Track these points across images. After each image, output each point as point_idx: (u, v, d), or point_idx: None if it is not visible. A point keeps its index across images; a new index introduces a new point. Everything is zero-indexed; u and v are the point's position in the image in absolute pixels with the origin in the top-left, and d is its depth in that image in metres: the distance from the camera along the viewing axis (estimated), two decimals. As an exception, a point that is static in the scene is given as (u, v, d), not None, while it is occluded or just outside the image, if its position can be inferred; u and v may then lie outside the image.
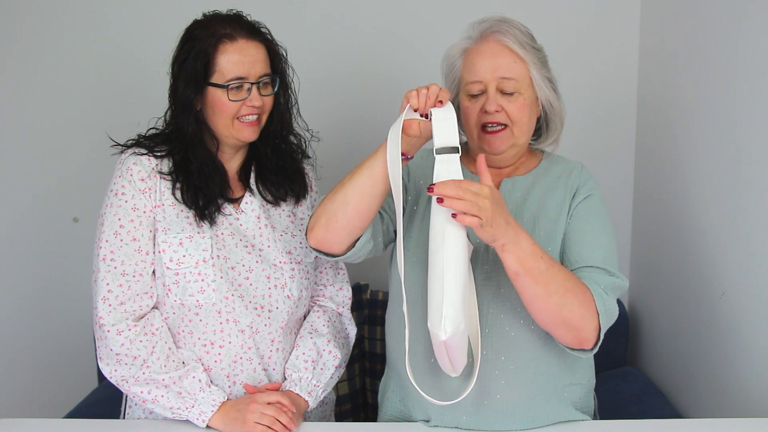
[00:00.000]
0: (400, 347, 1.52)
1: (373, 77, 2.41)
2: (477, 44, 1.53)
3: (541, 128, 1.62)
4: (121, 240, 1.54)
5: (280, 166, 1.68)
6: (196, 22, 1.58)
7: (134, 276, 1.54)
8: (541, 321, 1.41)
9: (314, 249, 1.50)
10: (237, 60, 1.53)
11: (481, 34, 1.53)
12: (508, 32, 1.51)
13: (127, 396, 1.69)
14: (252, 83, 1.54)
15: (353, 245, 1.47)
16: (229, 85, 1.53)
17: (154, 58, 1.70)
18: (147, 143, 1.61)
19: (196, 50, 1.53)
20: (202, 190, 1.57)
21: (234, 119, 1.56)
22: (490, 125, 1.52)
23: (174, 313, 1.58)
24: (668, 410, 1.99)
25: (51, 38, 2.39)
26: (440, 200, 1.26)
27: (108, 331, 1.51)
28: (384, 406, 1.65)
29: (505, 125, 1.51)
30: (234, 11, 1.59)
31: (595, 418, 1.64)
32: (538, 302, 1.36)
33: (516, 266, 1.33)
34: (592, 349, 1.43)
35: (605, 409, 1.73)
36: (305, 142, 1.73)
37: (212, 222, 1.58)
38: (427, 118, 1.37)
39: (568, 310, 1.37)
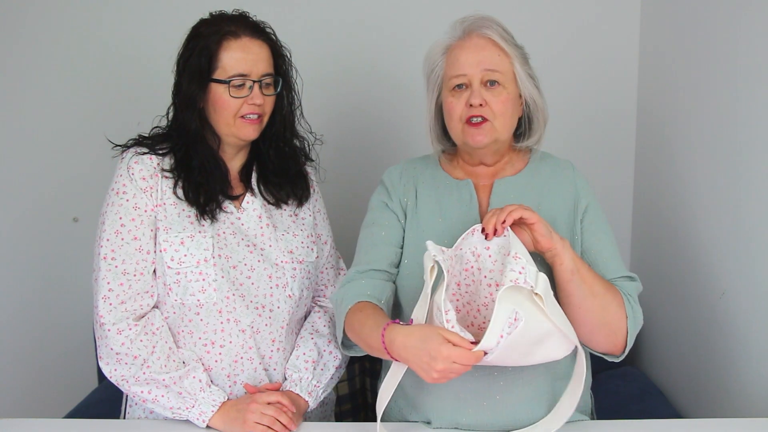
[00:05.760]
0: None
1: (376, 79, 2.41)
2: (460, 41, 1.54)
3: (523, 127, 1.61)
4: (122, 239, 1.54)
5: (282, 168, 1.68)
6: (202, 21, 1.59)
7: (135, 275, 1.54)
8: (587, 323, 1.44)
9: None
10: (240, 57, 1.53)
11: (464, 31, 1.54)
12: (491, 27, 1.53)
13: (127, 396, 1.69)
14: (254, 81, 1.55)
15: None
16: (230, 81, 1.53)
17: (155, 58, 1.71)
18: (148, 142, 1.61)
19: (200, 47, 1.54)
20: (204, 187, 1.58)
21: (235, 117, 1.56)
22: (474, 118, 1.52)
23: (174, 313, 1.58)
24: (668, 410, 1.99)
25: (51, 39, 2.39)
26: (494, 232, 1.39)
27: (108, 330, 1.51)
28: (385, 413, 1.65)
29: (488, 119, 1.52)
30: (240, 11, 1.60)
31: (592, 417, 1.64)
32: (587, 302, 1.42)
33: (572, 264, 1.40)
34: (620, 354, 1.49)
35: (605, 409, 1.73)
36: (308, 145, 1.73)
37: (213, 219, 1.58)
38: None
39: (609, 311, 1.44)
